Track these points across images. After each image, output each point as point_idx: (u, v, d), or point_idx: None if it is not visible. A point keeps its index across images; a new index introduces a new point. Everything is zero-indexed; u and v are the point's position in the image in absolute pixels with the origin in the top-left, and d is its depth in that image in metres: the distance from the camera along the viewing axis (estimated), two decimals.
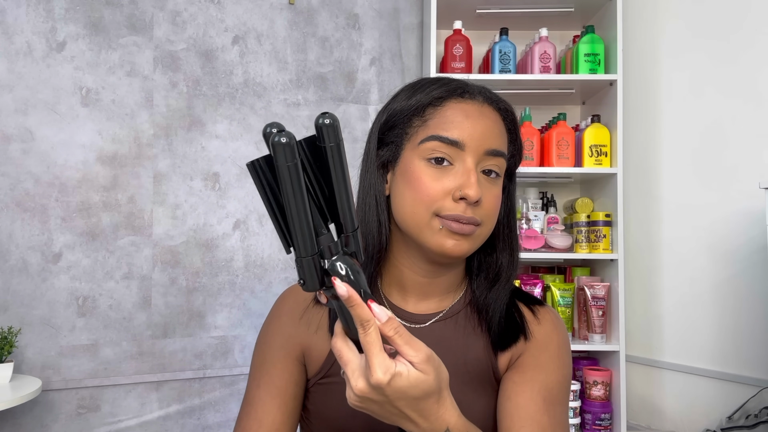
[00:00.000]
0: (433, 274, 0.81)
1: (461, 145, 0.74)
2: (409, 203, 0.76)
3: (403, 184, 0.77)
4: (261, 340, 0.86)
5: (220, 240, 2.24)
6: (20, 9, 2.01)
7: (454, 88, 0.78)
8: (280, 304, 0.87)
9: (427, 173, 0.75)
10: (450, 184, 0.74)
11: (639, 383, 2.28)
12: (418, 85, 0.80)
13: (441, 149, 0.74)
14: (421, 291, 0.82)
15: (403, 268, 0.81)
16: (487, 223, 0.76)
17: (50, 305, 2.01)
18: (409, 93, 0.80)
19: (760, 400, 1.86)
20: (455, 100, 0.77)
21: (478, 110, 0.77)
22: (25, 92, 2.01)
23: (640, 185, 2.31)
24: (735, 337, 2.01)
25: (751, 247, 1.96)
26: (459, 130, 0.75)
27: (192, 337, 2.18)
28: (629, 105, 2.30)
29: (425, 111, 0.77)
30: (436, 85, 0.79)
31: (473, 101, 0.78)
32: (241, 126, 2.29)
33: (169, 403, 2.15)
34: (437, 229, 0.74)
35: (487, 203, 0.75)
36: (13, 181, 1.98)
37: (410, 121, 0.78)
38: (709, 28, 2.14)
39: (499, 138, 0.78)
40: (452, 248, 0.74)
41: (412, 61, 2.55)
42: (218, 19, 2.27)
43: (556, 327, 0.83)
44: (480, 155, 0.75)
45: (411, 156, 0.76)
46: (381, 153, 0.80)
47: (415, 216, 0.75)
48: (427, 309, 0.82)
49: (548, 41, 2.23)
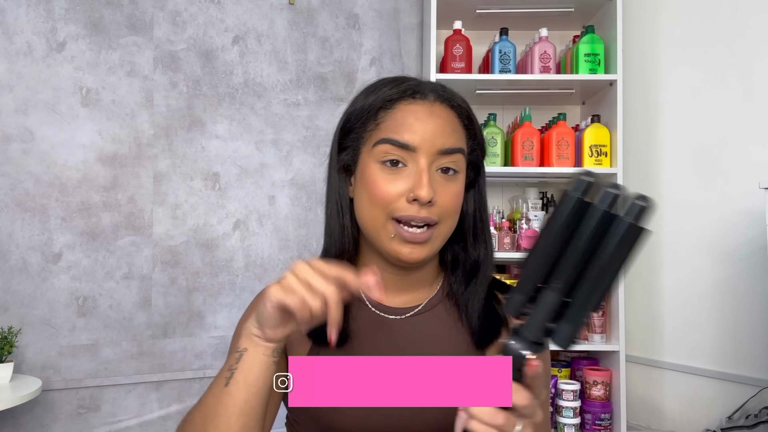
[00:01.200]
0: (403, 272, 0.82)
1: (412, 147, 0.75)
2: (366, 206, 0.77)
3: (361, 188, 0.78)
4: (240, 327, 0.84)
5: (220, 240, 2.24)
6: (20, 9, 2.01)
7: (405, 89, 0.79)
8: (260, 299, 0.86)
9: (381, 176, 0.76)
10: (403, 185, 0.75)
11: (639, 383, 2.28)
12: (373, 87, 0.81)
13: (393, 152, 0.75)
14: (396, 287, 0.83)
15: (374, 266, 0.82)
16: (445, 220, 0.77)
17: (50, 305, 2.01)
18: (365, 96, 0.80)
19: (760, 400, 1.86)
20: (406, 101, 0.78)
21: (428, 110, 0.78)
22: (25, 92, 2.01)
23: (640, 185, 2.31)
24: (735, 337, 2.01)
25: (751, 247, 1.96)
26: (409, 133, 0.76)
27: (192, 337, 2.19)
28: (629, 105, 2.30)
29: (378, 114, 0.78)
30: (388, 87, 0.79)
31: (424, 101, 0.79)
32: (241, 126, 2.29)
33: (169, 403, 2.15)
34: (390, 235, 0.76)
35: (443, 201, 0.76)
36: (13, 181, 1.98)
37: (365, 125, 0.79)
38: (709, 29, 2.14)
39: (452, 135, 0.78)
40: (408, 255, 0.76)
41: (412, 61, 2.55)
42: (218, 19, 2.27)
43: None
44: (433, 155, 0.76)
45: (367, 159, 0.78)
46: (342, 157, 0.81)
47: (372, 219, 0.77)
48: (405, 302, 0.83)
49: (548, 41, 2.23)
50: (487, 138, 2.22)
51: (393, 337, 0.81)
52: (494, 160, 2.23)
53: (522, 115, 2.25)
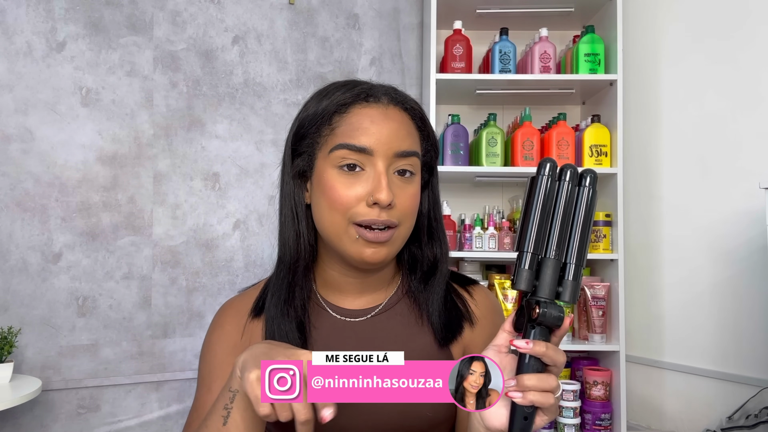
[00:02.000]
0: (363, 275, 0.83)
1: (369, 151, 0.76)
2: (326, 212, 0.77)
3: (319, 193, 0.78)
4: (206, 350, 0.87)
5: (220, 240, 2.24)
6: (20, 9, 2.01)
7: (359, 93, 0.79)
8: (222, 316, 0.88)
9: (340, 181, 0.76)
10: (362, 189, 0.75)
11: (639, 383, 2.28)
12: (325, 92, 0.81)
13: (350, 156, 0.76)
14: (355, 289, 0.84)
15: (332, 272, 0.83)
16: (405, 222, 0.78)
17: (50, 305, 2.01)
18: (317, 101, 0.80)
19: (760, 400, 1.86)
20: (360, 105, 0.78)
21: (383, 114, 0.78)
22: (25, 92, 2.01)
23: (640, 185, 2.31)
24: (735, 337, 2.01)
25: (751, 247, 1.96)
26: (366, 137, 0.76)
27: (192, 337, 2.18)
28: (629, 105, 2.30)
29: (332, 119, 0.78)
30: (341, 91, 0.79)
31: (378, 105, 0.78)
32: (241, 126, 2.29)
33: (169, 403, 2.15)
34: (354, 238, 0.76)
35: (401, 204, 0.77)
36: (13, 181, 1.98)
37: (319, 131, 0.79)
38: (710, 28, 2.14)
39: (407, 138, 0.79)
40: (371, 256, 0.77)
41: (412, 61, 2.55)
42: (218, 19, 2.27)
43: (494, 306, 0.89)
44: (390, 158, 0.76)
45: (323, 165, 0.78)
46: (297, 163, 0.81)
47: (333, 224, 0.77)
48: (365, 304, 0.84)
49: (548, 41, 2.23)
50: (487, 138, 2.22)
51: (357, 339, 0.81)
52: (494, 160, 2.23)
53: (522, 115, 2.25)
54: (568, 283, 0.64)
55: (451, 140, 2.24)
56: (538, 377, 0.62)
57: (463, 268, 2.37)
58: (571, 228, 0.65)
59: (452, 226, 2.23)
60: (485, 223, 2.25)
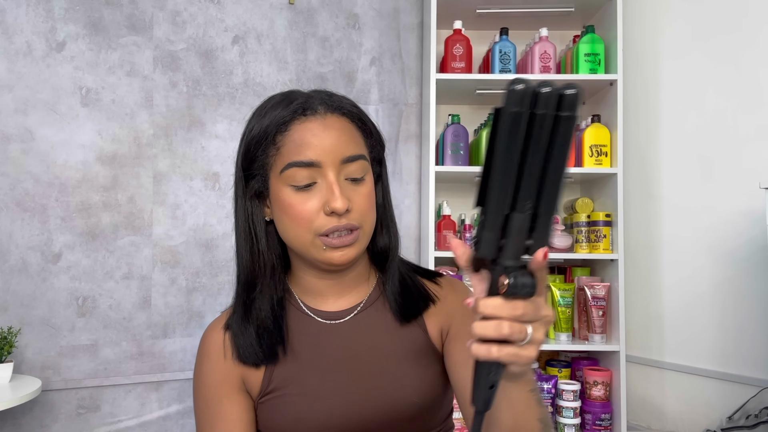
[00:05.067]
0: (338, 276, 0.86)
1: (317, 163, 0.78)
2: (290, 228, 0.80)
3: (280, 212, 0.81)
4: (198, 384, 0.87)
5: (220, 240, 2.24)
6: (20, 9, 2.01)
7: (296, 109, 0.80)
8: (205, 345, 0.88)
9: (295, 198, 0.79)
10: (317, 202, 0.78)
11: (639, 383, 2.28)
12: (263, 110, 0.83)
13: (300, 173, 0.78)
14: (334, 291, 0.87)
15: (309, 278, 0.86)
16: (366, 221, 0.81)
17: (50, 305, 2.00)
18: (257, 121, 0.83)
19: (760, 400, 1.86)
20: (299, 120, 0.80)
21: (321, 125, 0.80)
22: (25, 92, 2.00)
23: (640, 185, 2.31)
24: (735, 337, 2.01)
25: (751, 247, 1.96)
26: (310, 150, 0.78)
27: (192, 337, 2.18)
28: (629, 105, 2.30)
29: (275, 138, 0.80)
30: (279, 109, 0.81)
31: (315, 116, 0.80)
32: (241, 126, 2.27)
33: (169, 403, 2.15)
34: (321, 248, 0.79)
35: (358, 206, 0.79)
36: (13, 181, 1.98)
37: (266, 151, 0.81)
38: (709, 28, 2.14)
39: (351, 142, 0.81)
40: (340, 258, 0.79)
41: (412, 61, 2.54)
42: (218, 19, 2.27)
43: (465, 290, 0.91)
44: (337, 166, 0.79)
45: (277, 185, 0.80)
46: (251, 185, 0.83)
47: (298, 238, 0.80)
48: (346, 304, 0.87)
49: (548, 41, 2.23)
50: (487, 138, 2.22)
51: (342, 340, 0.84)
52: None
53: None
54: (539, 233, 0.52)
55: (451, 140, 2.24)
56: (490, 326, 0.53)
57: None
58: (545, 173, 0.51)
59: (452, 226, 2.23)
60: None
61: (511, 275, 0.52)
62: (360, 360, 0.83)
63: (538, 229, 0.52)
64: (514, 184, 0.51)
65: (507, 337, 0.53)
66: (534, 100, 0.49)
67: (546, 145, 0.50)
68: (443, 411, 0.88)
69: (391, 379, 0.82)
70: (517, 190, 0.51)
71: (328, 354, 0.84)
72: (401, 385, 0.82)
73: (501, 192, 0.51)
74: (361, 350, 0.84)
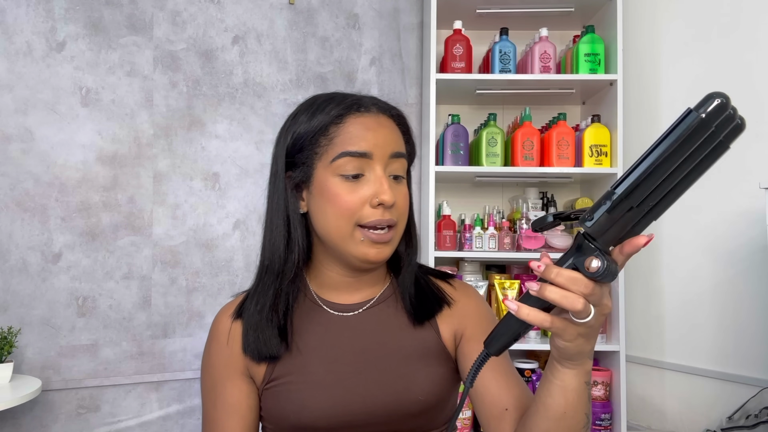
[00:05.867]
0: (360, 273, 0.89)
1: (369, 155, 0.81)
2: (331, 218, 0.82)
3: (323, 201, 0.83)
4: (206, 363, 0.90)
5: (220, 240, 2.24)
6: (20, 9, 2.01)
7: (350, 104, 0.84)
8: (216, 327, 0.91)
9: (343, 188, 0.81)
10: (366, 193, 0.81)
11: (639, 383, 2.28)
12: (315, 105, 0.86)
13: (352, 163, 0.81)
14: (351, 287, 0.89)
15: (330, 272, 0.88)
16: (401, 221, 0.85)
17: (50, 305, 2.00)
18: (309, 114, 0.85)
19: (760, 400, 1.86)
20: (354, 115, 0.84)
21: (375, 121, 0.84)
22: (25, 92, 2.01)
23: None
24: (735, 337, 2.01)
25: (751, 247, 1.96)
26: (364, 142, 0.81)
27: (192, 337, 2.18)
28: (629, 105, 2.30)
29: (329, 129, 0.83)
30: (332, 104, 0.85)
31: (369, 113, 0.85)
32: (241, 126, 2.29)
33: (169, 403, 2.15)
34: (359, 240, 0.82)
35: (399, 203, 0.83)
36: (13, 181, 1.98)
37: (317, 142, 0.83)
38: (709, 28, 2.14)
39: (398, 141, 0.86)
40: (375, 256, 0.82)
41: (412, 61, 2.55)
42: (218, 19, 2.27)
43: (476, 293, 0.95)
44: (386, 160, 0.83)
45: (324, 174, 0.82)
46: (293, 174, 0.86)
47: (339, 229, 0.82)
48: (359, 299, 0.90)
49: (548, 41, 2.23)
50: (487, 138, 2.22)
51: (350, 330, 0.87)
52: (494, 160, 2.23)
53: (522, 115, 2.25)
54: (635, 231, 0.55)
55: (451, 140, 2.24)
56: (563, 292, 0.56)
57: (463, 268, 2.37)
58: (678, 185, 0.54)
59: (452, 226, 2.23)
60: (485, 223, 2.25)
61: (604, 259, 0.55)
62: (368, 354, 0.85)
63: (637, 229, 0.55)
64: (657, 184, 0.52)
65: (575, 310, 0.56)
66: (722, 119, 0.52)
67: (696, 162, 0.53)
68: (447, 411, 0.89)
69: (397, 375, 0.83)
70: (653, 190, 0.53)
71: (336, 345, 0.85)
72: (407, 382, 0.83)
73: (644, 187, 0.53)
74: (369, 344, 0.85)
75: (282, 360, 0.84)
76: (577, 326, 0.59)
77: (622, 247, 0.56)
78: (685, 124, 0.51)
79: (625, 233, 0.55)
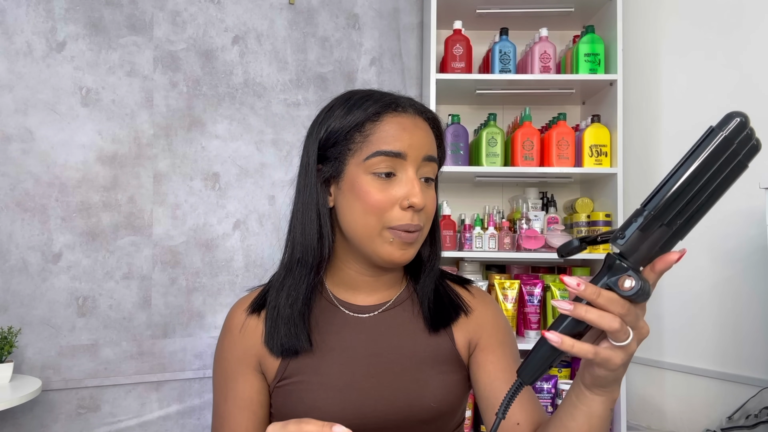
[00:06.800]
0: (379, 273, 0.88)
1: (403, 156, 0.80)
2: (359, 215, 0.81)
3: (352, 198, 0.81)
4: (219, 356, 0.89)
5: (220, 240, 2.24)
6: (20, 9, 2.01)
7: (388, 103, 0.84)
8: (230, 320, 0.90)
9: (375, 186, 0.80)
10: (397, 193, 0.80)
11: (639, 383, 2.28)
12: (352, 100, 0.86)
13: (386, 162, 0.80)
14: (369, 287, 0.88)
15: (349, 270, 0.87)
16: (426, 225, 0.84)
17: (50, 305, 2.01)
18: (345, 110, 0.85)
19: (760, 400, 1.86)
20: (391, 114, 0.83)
21: (412, 122, 0.83)
22: (25, 92, 2.01)
23: (640, 185, 2.31)
24: (735, 337, 2.01)
25: (751, 247, 1.96)
26: (399, 142, 0.80)
27: (192, 337, 2.18)
28: (629, 105, 2.30)
29: (364, 126, 0.82)
30: (370, 101, 0.84)
31: (406, 114, 0.84)
32: (241, 126, 2.29)
33: (169, 403, 2.15)
34: (388, 240, 0.80)
35: (428, 207, 0.82)
36: (13, 181, 1.98)
37: (352, 138, 0.82)
38: (709, 28, 2.14)
39: (432, 145, 0.85)
40: (401, 257, 0.81)
41: (412, 61, 2.55)
42: (218, 19, 2.27)
43: (494, 302, 0.94)
44: (419, 163, 0.82)
45: (356, 171, 0.81)
46: (323, 168, 0.84)
47: (366, 227, 0.81)
48: (375, 300, 0.88)
49: (548, 41, 2.23)
50: (487, 138, 2.22)
51: (366, 333, 0.86)
52: (494, 160, 2.23)
53: (522, 115, 2.25)
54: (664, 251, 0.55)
55: (451, 140, 2.24)
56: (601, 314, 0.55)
57: (463, 268, 2.37)
58: (703, 204, 0.55)
59: (452, 226, 2.23)
60: (485, 223, 2.25)
61: (638, 278, 0.55)
62: (382, 357, 0.84)
63: (666, 247, 0.55)
64: (686, 200, 0.54)
65: (612, 330, 0.55)
66: (742, 138, 0.53)
67: (719, 181, 0.54)
68: (458, 418, 0.89)
69: (410, 380, 0.83)
70: (681, 208, 0.54)
71: (350, 346, 0.84)
72: (420, 387, 0.82)
73: (673, 205, 0.54)
74: (384, 348, 0.84)
75: (298, 358, 0.83)
76: (620, 354, 0.58)
77: (653, 265, 0.56)
78: (708, 142, 0.53)
79: (654, 252, 0.55)
